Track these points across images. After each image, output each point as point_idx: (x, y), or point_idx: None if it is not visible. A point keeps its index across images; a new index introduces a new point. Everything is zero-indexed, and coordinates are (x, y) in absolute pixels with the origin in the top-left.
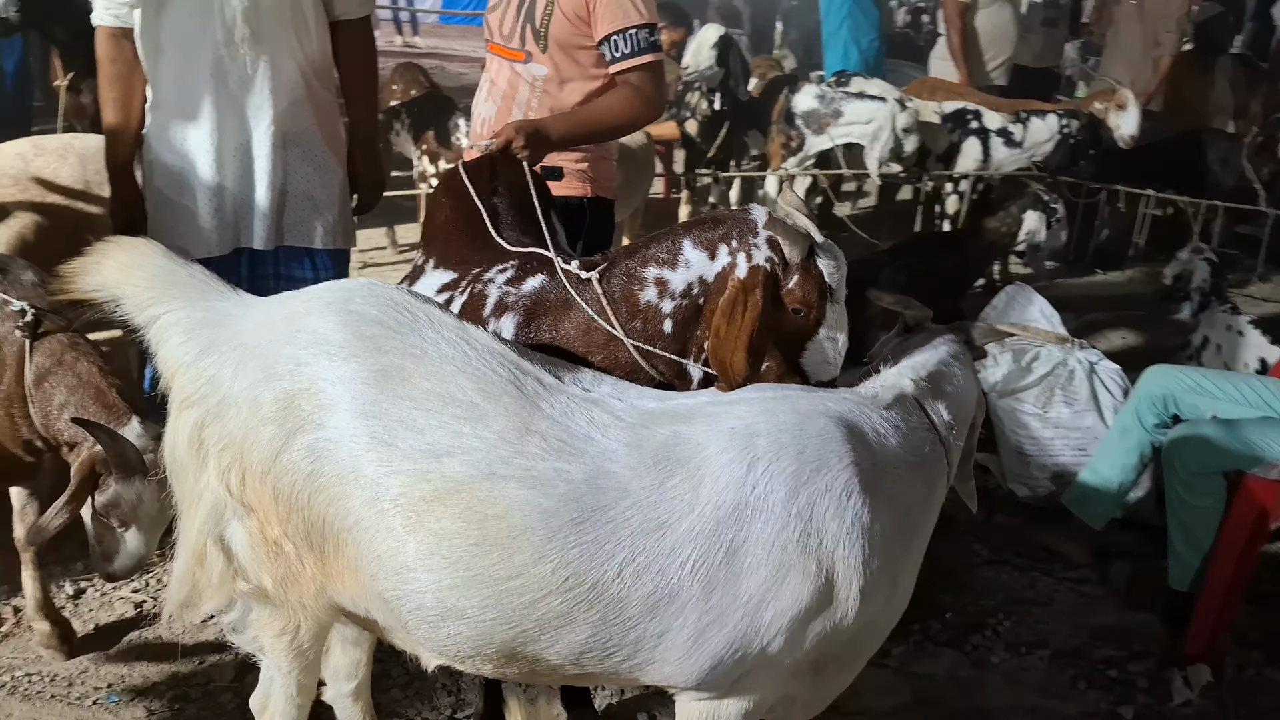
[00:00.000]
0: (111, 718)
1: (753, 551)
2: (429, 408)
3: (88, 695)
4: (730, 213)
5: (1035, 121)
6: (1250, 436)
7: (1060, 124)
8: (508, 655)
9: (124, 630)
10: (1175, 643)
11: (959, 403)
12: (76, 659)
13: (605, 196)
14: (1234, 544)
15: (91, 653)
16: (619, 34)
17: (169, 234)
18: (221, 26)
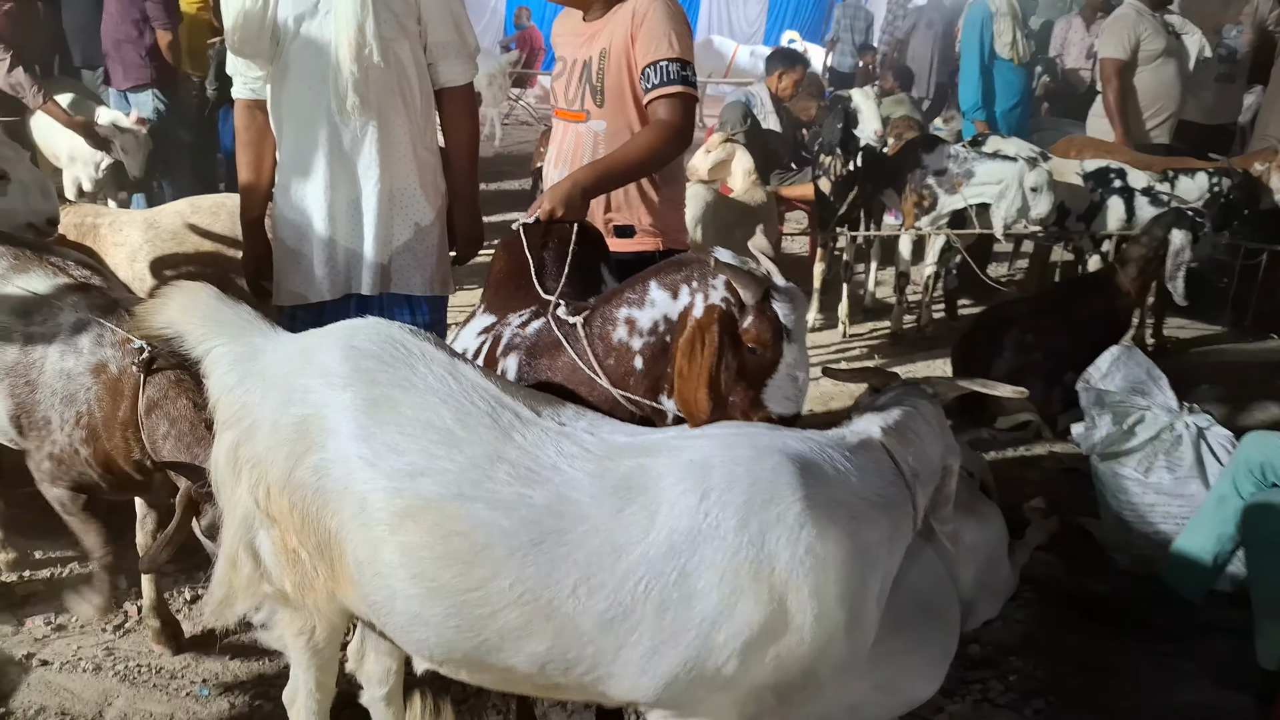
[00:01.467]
0: (200, 709)
1: (705, 575)
2: (410, 433)
3: (183, 688)
4: (694, 256)
5: (1184, 180)
6: None
7: (1211, 182)
8: (476, 662)
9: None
10: None
11: (924, 450)
12: (181, 655)
13: (676, 248)
14: None
15: (195, 651)
16: (651, 66)
17: (289, 280)
18: (335, 95)
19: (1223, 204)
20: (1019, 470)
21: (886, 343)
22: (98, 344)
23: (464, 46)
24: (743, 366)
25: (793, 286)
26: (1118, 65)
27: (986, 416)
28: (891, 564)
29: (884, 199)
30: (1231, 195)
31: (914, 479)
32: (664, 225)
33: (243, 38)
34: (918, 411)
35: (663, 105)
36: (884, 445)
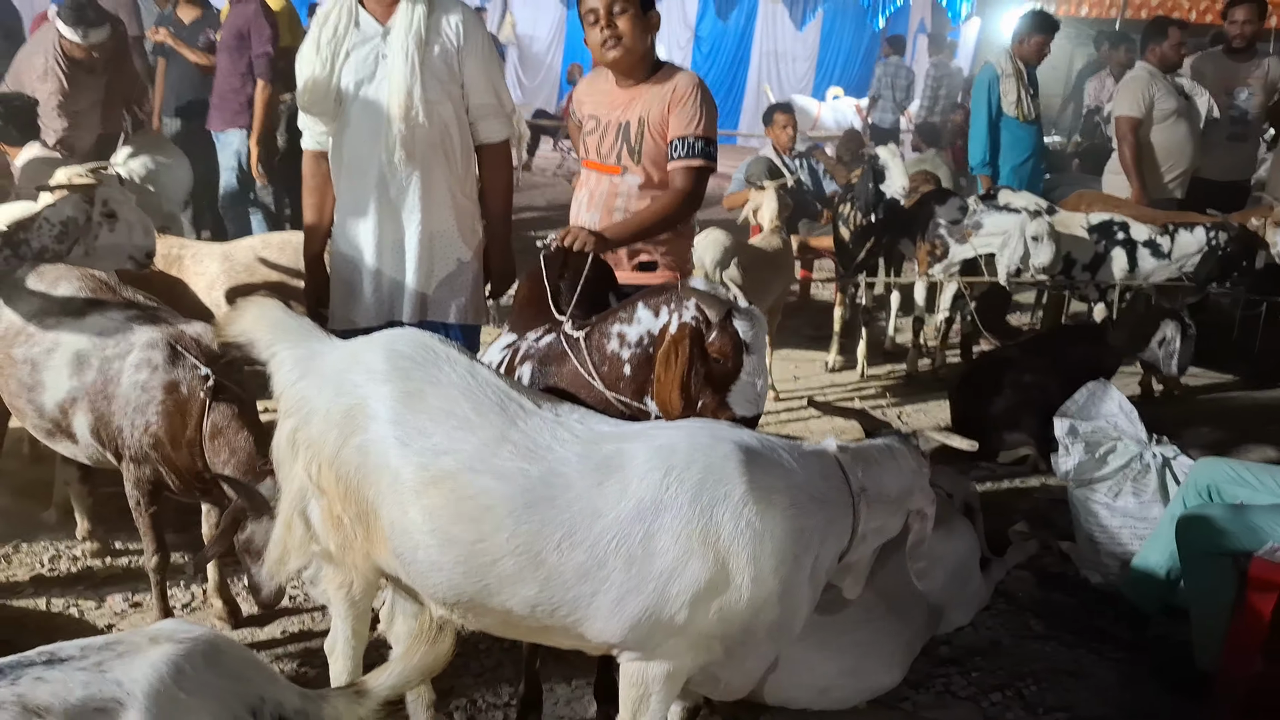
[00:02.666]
0: None
1: (664, 538)
2: (436, 419)
3: None
4: (674, 283)
5: (1183, 234)
6: (1255, 520)
7: (1208, 236)
8: (480, 605)
9: (279, 615)
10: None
11: (881, 477)
12: (239, 630)
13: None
14: (1244, 625)
15: (251, 627)
16: (679, 140)
17: (342, 307)
18: (385, 149)
19: (1220, 257)
20: (1012, 499)
21: (901, 383)
22: (170, 364)
23: (500, 108)
24: (710, 374)
25: (752, 309)
26: (1133, 123)
27: (989, 452)
28: (825, 553)
29: (901, 249)
30: (1228, 248)
31: (860, 492)
32: (678, 260)
33: (311, 98)
34: (890, 450)
35: (681, 174)
36: (836, 458)
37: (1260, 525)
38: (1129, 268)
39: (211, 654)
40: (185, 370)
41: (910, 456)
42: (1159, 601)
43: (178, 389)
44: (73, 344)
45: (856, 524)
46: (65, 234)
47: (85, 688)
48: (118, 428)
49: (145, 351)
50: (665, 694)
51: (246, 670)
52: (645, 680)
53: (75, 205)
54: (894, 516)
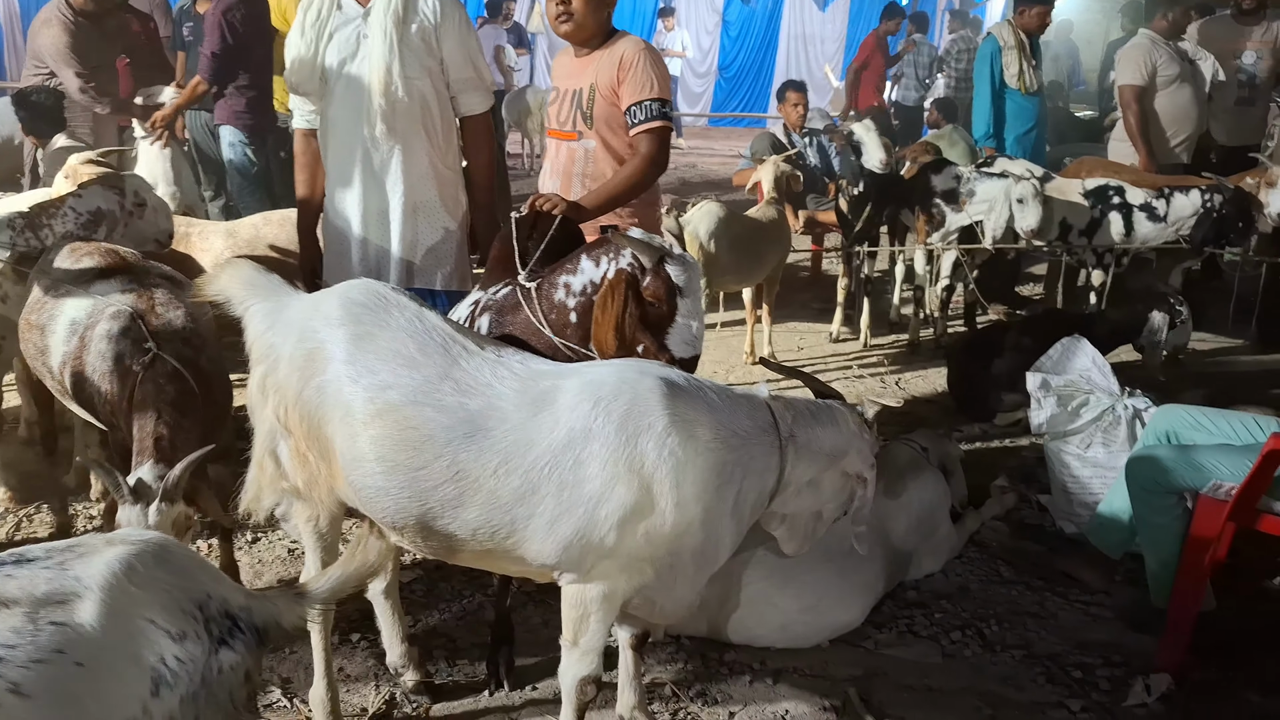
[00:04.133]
0: None
1: (592, 464)
2: (383, 358)
3: None
4: (613, 234)
5: (1178, 196)
6: (1200, 459)
7: (1204, 198)
8: (426, 527)
9: (278, 567)
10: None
11: (815, 432)
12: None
13: None
14: (1190, 561)
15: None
16: (637, 105)
17: (332, 276)
18: (367, 124)
19: (1215, 219)
20: (1002, 457)
21: (903, 352)
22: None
23: (480, 82)
24: (645, 317)
25: (685, 255)
26: (1136, 91)
27: (987, 413)
28: (747, 488)
29: (902, 219)
30: (1224, 210)
31: (789, 438)
32: (646, 224)
33: (298, 78)
34: (830, 409)
35: (645, 139)
36: (766, 403)
37: (1205, 464)
38: (1125, 231)
39: (161, 554)
40: (132, 343)
41: (850, 420)
42: (1123, 546)
43: (122, 360)
44: (71, 311)
45: (784, 467)
46: (93, 223)
47: (49, 583)
48: (90, 394)
49: (109, 322)
50: (603, 614)
51: (194, 570)
52: (584, 601)
53: (104, 196)
54: (828, 473)
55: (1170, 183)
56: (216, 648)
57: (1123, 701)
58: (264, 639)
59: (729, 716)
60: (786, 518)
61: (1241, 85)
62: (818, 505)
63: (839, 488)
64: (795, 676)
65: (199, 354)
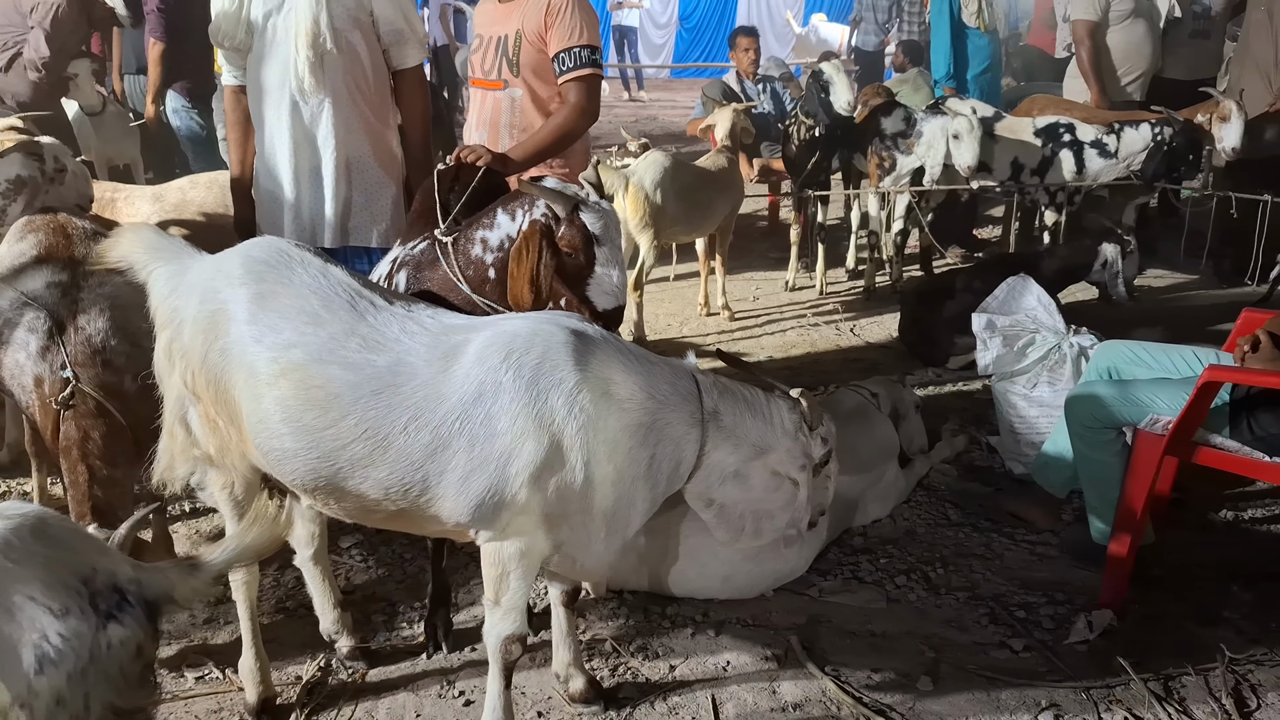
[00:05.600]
0: None
1: (503, 419)
2: (287, 316)
3: None
4: (522, 184)
5: (1128, 131)
6: (1137, 394)
7: (1154, 132)
8: (337, 488)
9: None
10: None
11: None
12: None
13: None
14: (1130, 496)
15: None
16: (565, 51)
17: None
18: (295, 77)
19: (1166, 152)
20: (955, 401)
21: (859, 299)
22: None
23: (413, 34)
24: (563, 268)
25: (601, 202)
26: (1089, 26)
27: (940, 357)
28: (662, 455)
29: (856, 164)
30: (1174, 143)
31: (712, 415)
32: (572, 175)
33: (223, 32)
34: (766, 399)
35: (574, 88)
36: (692, 374)
37: (1142, 399)
38: (1077, 169)
39: (39, 528)
40: (52, 367)
41: (785, 417)
42: (1068, 484)
43: (41, 385)
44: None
45: (703, 442)
46: (13, 191)
47: None
48: (14, 395)
49: (25, 333)
50: (523, 571)
51: (76, 542)
52: (502, 559)
53: (24, 164)
54: (755, 466)
55: (1120, 118)
56: (104, 623)
57: (1065, 639)
58: (155, 612)
59: (669, 670)
60: (714, 503)
61: (1197, 17)
62: (750, 501)
63: (770, 486)
64: (738, 627)
65: (121, 377)
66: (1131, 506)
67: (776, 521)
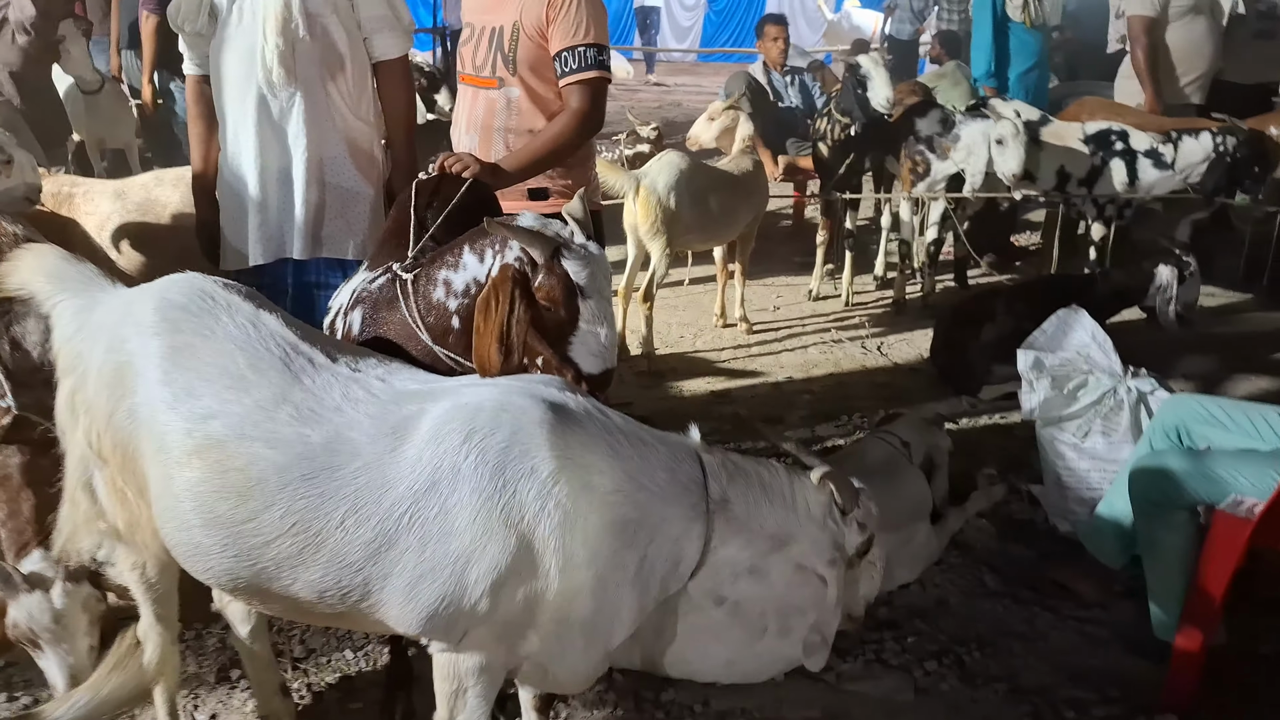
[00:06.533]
0: None
1: (461, 514)
2: (207, 378)
3: None
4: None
5: (1187, 141)
6: (1216, 469)
7: (1215, 142)
8: (261, 590)
9: None
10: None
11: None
12: None
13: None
14: (1204, 589)
15: None
16: (569, 50)
17: (232, 243)
18: (263, 67)
19: (1228, 165)
20: (992, 438)
21: (887, 312)
22: None
23: (397, 21)
24: (540, 323)
25: (588, 245)
26: (1146, 23)
27: (974, 385)
28: (656, 556)
29: (888, 167)
30: (1238, 155)
31: (721, 504)
32: (576, 186)
33: (184, 15)
34: (788, 478)
35: (576, 92)
36: (697, 454)
37: (1222, 475)
38: (1129, 180)
39: None
40: None
41: (811, 499)
42: (1123, 554)
43: None
44: None
45: (708, 538)
46: None
47: None
48: None
49: None
50: (482, 689)
51: None
52: (458, 673)
53: None
54: (774, 560)
55: (1178, 125)
56: None
57: None
58: None
59: None
60: (727, 602)
61: (1261, 16)
62: (773, 598)
63: (794, 582)
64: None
65: None
66: (1205, 599)
67: (809, 617)
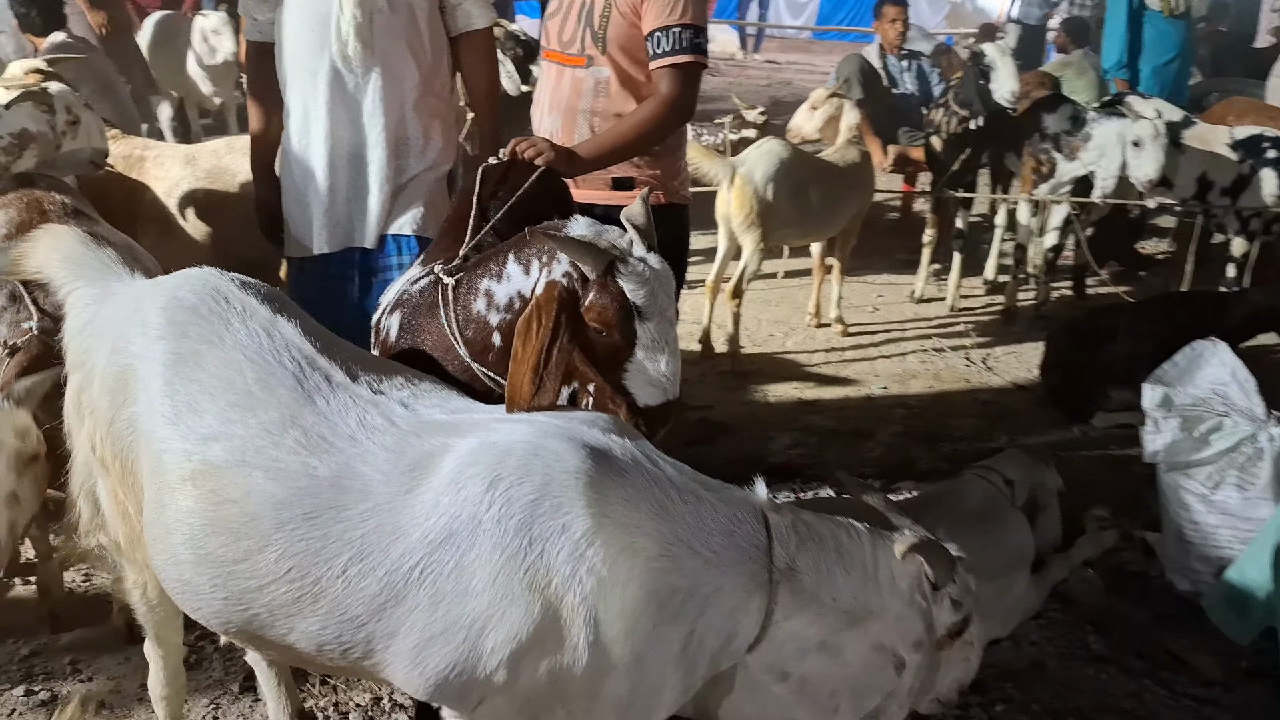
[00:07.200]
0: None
1: (479, 573)
2: (211, 392)
3: None
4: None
5: None
6: None
7: None
8: (255, 636)
9: None
10: None
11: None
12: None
13: (677, 203)
14: None
15: None
16: (662, 31)
17: (295, 230)
18: (337, 40)
19: None
20: (1104, 473)
21: (996, 320)
22: None
23: None
24: (591, 349)
25: (648, 258)
26: None
27: (1085, 411)
28: (706, 631)
29: (1008, 164)
30: None
31: (787, 571)
32: (667, 177)
33: None
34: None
35: (667, 76)
36: (762, 512)
37: None
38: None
39: None
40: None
41: (898, 568)
42: (1253, 629)
43: None
44: None
45: (770, 610)
46: (18, 147)
47: None
48: None
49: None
50: None
51: None
52: None
53: (32, 116)
54: (850, 637)
55: None
56: None
57: None
58: None
59: None
60: (791, 678)
61: None
62: (847, 678)
63: (873, 664)
64: None
65: None
66: None
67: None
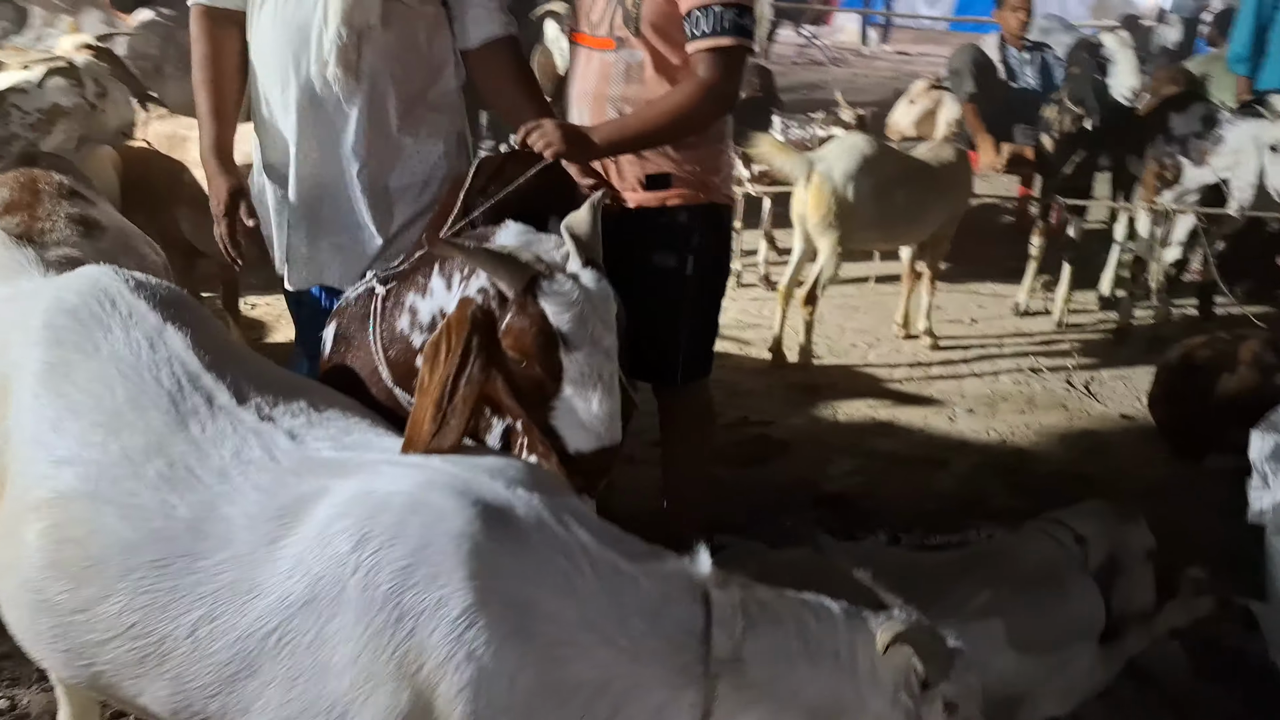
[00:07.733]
0: None
1: (341, 649)
2: (76, 409)
3: None
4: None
5: None
6: None
7: None
8: (109, 693)
9: None
10: None
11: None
12: None
13: (719, 202)
14: None
15: None
16: (701, 10)
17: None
18: (317, 59)
19: None
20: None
21: (1108, 340)
22: None
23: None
24: (513, 381)
25: (580, 276)
26: None
27: (1196, 451)
28: None
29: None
30: None
31: (727, 665)
32: (706, 174)
33: None
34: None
35: (706, 60)
36: (703, 590)
37: None
38: None
39: None
40: None
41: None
42: None
43: None
44: None
45: (710, 708)
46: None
47: None
48: None
49: None
50: None
51: None
52: None
53: (64, 91)
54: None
55: None
56: None
57: None
58: None
59: None
60: None
61: None
62: None
63: None
64: None
65: None
66: None
67: None
